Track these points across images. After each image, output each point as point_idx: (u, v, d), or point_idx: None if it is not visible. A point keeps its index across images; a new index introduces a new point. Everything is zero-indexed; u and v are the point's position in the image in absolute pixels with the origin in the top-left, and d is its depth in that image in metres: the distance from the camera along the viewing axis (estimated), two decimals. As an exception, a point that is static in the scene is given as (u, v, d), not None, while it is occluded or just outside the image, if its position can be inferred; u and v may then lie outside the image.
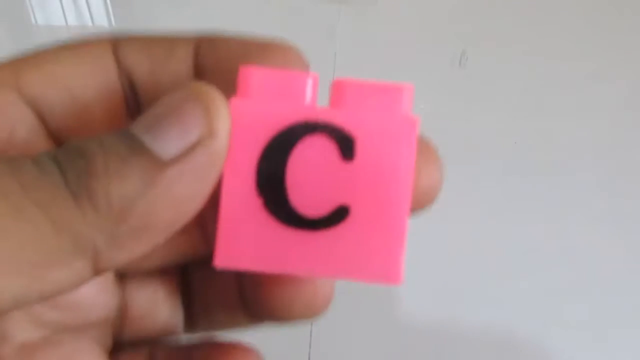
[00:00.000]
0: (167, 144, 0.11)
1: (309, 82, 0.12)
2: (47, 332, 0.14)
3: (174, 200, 0.11)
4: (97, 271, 0.11)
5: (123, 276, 0.16)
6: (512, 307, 0.36)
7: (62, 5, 0.42)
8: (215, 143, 0.11)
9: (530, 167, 0.39)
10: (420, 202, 0.13)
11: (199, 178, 0.11)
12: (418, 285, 0.35)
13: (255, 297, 0.14)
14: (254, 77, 0.12)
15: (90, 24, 0.42)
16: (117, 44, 0.14)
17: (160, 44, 0.14)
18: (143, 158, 0.11)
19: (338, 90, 0.12)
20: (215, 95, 0.11)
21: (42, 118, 0.14)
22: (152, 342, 0.16)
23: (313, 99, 0.12)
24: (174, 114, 0.11)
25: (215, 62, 0.13)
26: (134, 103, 0.14)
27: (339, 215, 0.12)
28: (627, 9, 0.42)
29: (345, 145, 0.12)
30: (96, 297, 0.15)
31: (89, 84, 0.13)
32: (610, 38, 0.41)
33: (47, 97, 0.13)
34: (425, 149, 0.12)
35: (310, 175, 0.12)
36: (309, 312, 0.14)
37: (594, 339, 0.35)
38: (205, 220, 0.14)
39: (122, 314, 0.16)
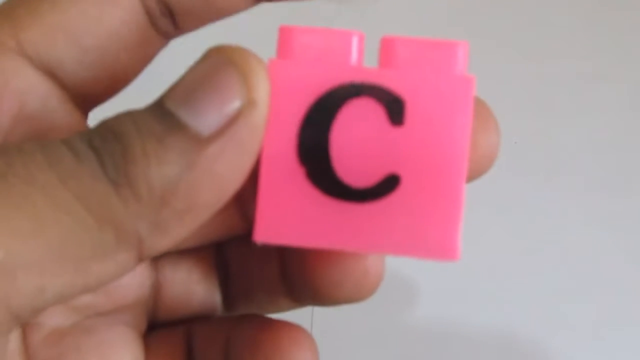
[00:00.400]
0: (205, 118, 0.10)
1: (354, 41, 0.11)
2: (79, 317, 0.13)
3: (216, 178, 0.10)
4: (140, 260, 0.11)
5: (156, 256, 0.15)
6: (513, 307, 0.35)
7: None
8: (256, 112, 0.10)
9: (530, 167, 0.39)
10: (476, 170, 0.12)
11: (241, 152, 0.10)
12: (418, 285, 0.35)
13: (299, 277, 0.13)
14: (294, 37, 0.11)
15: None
16: None
17: None
18: (181, 136, 0.10)
19: (387, 48, 0.11)
20: (251, 59, 0.10)
21: (56, 79, 0.12)
22: (189, 323, 0.15)
23: (359, 59, 0.11)
24: (209, 84, 0.10)
25: None
26: (169, 18, 0.13)
27: (389, 185, 0.11)
28: (627, 9, 0.42)
29: (394, 109, 0.11)
30: (129, 279, 0.14)
31: (101, 26, 0.12)
32: (610, 38, 0.41)
33: (56, 54, 0.12)
34: (480, 110, 0.12)
35: (357, 141, 0.11)
36: (359, 293, 0.13)
37: (594, 339, 0.35)
38: (242, 195, 0.13)
39: (155, 295, 0.15)
